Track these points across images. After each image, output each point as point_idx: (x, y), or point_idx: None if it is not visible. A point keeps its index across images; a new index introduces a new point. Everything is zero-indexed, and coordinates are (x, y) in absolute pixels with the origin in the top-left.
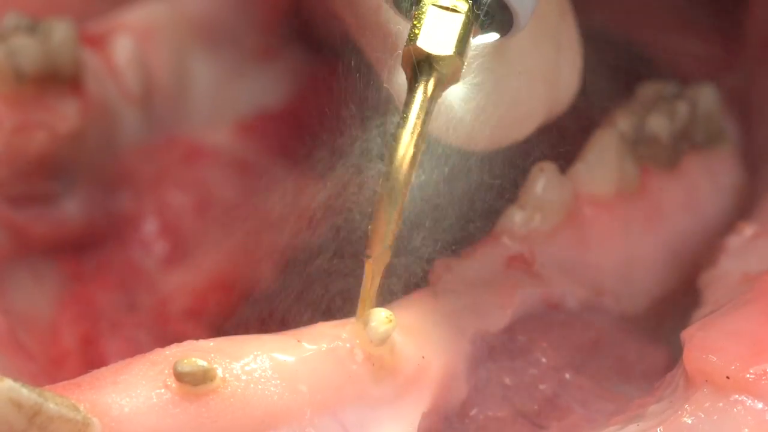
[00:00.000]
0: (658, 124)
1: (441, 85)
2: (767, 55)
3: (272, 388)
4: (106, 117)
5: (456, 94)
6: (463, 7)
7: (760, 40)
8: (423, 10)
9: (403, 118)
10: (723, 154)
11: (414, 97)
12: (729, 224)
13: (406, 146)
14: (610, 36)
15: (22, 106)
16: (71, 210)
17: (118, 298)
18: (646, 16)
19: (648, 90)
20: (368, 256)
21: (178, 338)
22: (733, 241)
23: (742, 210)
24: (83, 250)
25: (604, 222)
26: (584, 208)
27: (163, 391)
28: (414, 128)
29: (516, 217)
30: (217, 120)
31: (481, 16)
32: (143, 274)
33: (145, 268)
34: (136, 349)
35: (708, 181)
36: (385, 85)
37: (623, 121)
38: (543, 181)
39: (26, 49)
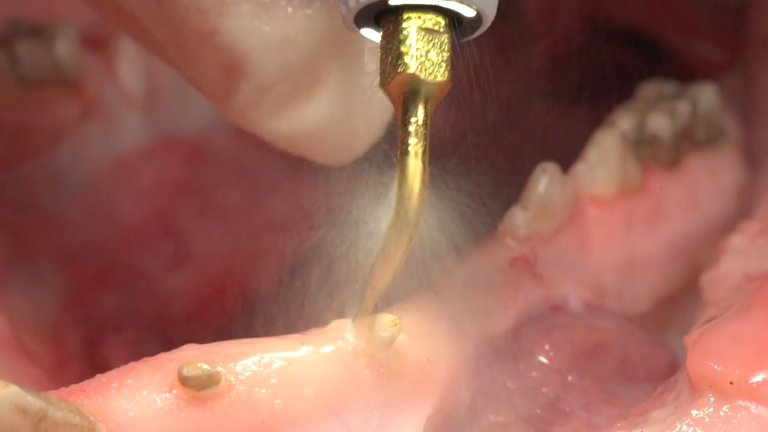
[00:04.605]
0: (660, 124)
1: (433, 107)
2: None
3: (277, 392)
4: (107, 119)
5: (315, 110)
6: (443, 24)
7: (761, 38)
8: (407, 33)
9: (406, 147)
10: (724, 152)
11: (412, 125)
12: (731, 223)
13: (414, 177)
14: (613, 34)
15: (23, 110)
16: (73, 213)
17: (121, 300)
18: (648, 15)
19: (649, 89)
20: (373, 288)
21: (181, 341)
22: (734, 241)
23: (743, 208)
24: (85, 253)
25: (606, 222)
26: (586, 208)
27: (168, 395)
28: (420, 155)
29: (518, 218)
30: (218, 122)
31: (457, 28)
32: (145, 276)
33: (146, 270)
34: (139, 351)
35: (709, 179)
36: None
37: (624, 121)
38: (545, 182)
39: (29, 54)
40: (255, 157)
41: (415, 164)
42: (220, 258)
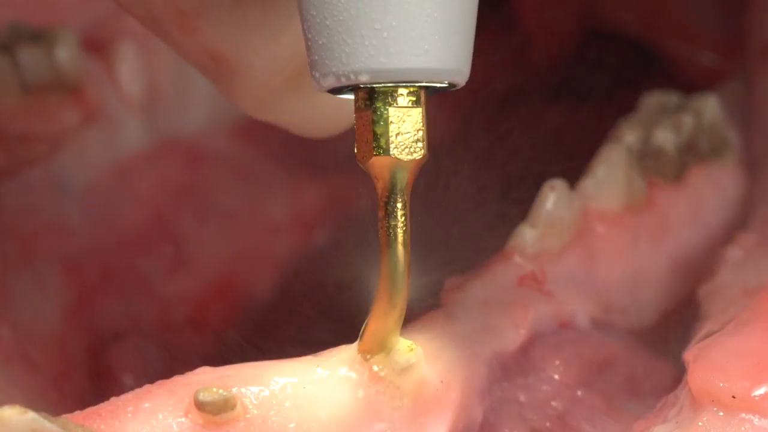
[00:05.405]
0: (664, 137)
1: (410, 184)
2: (767, 62)
3: (291, 416)
4: (107, 124)
5: (308, 95)
6: (415, 99)
7: (761, 45)
8: (380, 113)
9: (387, 230)
10: (727, 164)
11: (391, 204)
12: (733, 235)
13: (396, 262)
14: (611, 41)
15: (25, 117)
16: (74, 219)
17: (122, 306)
18: (646, 22)
19: (652, 100)
20: (366, 358)
21: (181, 346)
22: (731, 253)
23: (744, 220)
24: (87, 260)
25: (613, 237)
26: (593, 224)
27: (183, 420)
28: (400, 237)
29: (527, 236)
30: (217, 125)
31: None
32: (145, 281)
33: (147, 275)
34: (140, 359)
35: (713, 192)
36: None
37: (630, 135)
38: (553, 199)
39: (31, 60)
40: (255, 160)
41: (395, 246)
42: (220, 262)
